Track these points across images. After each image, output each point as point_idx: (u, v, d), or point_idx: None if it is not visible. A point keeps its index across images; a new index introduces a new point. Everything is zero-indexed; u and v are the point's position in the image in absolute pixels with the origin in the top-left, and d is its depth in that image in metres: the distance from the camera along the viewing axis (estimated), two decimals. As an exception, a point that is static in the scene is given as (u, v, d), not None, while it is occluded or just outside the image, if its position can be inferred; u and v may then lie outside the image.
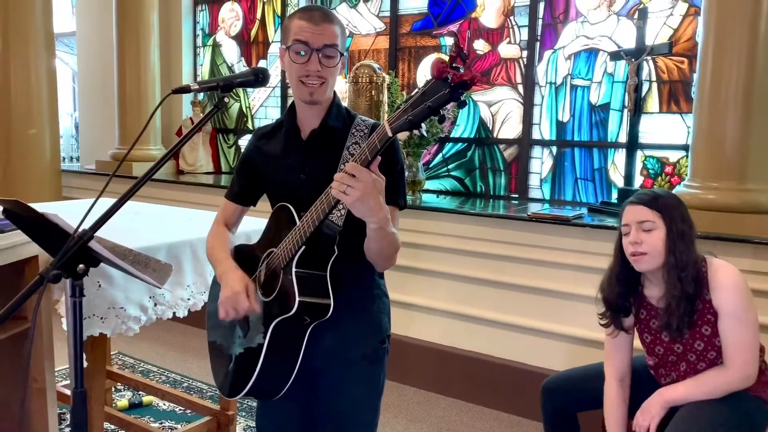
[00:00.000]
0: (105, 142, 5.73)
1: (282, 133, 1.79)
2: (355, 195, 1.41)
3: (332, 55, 1.62)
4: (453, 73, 1.29)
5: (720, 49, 2.93)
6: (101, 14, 5.67)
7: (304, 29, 1.61)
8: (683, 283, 2.01)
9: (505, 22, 4.10)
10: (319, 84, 1.63)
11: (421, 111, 1.32)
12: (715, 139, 2.96)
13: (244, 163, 1.88)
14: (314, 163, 1.71)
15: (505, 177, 4.19)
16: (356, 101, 4.15)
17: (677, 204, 2.09)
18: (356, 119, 1.73)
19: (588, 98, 3.85)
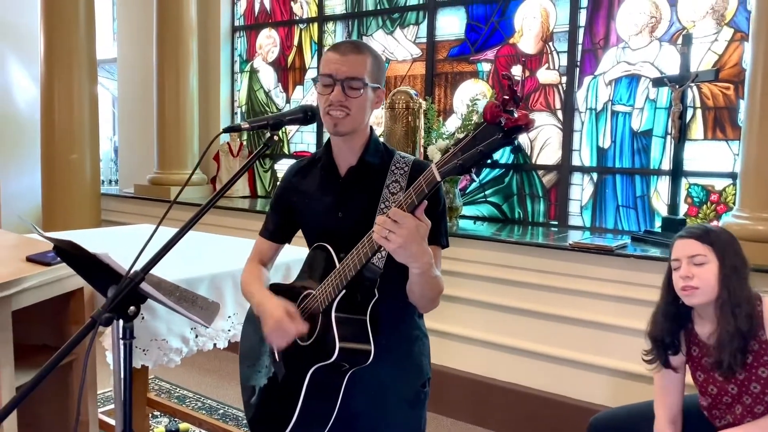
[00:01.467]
0: (143, 166, 5.82)
1: (318, 169, 1.76)
2: (397, 242, 1.37)
3: (356, 86, 1.59)
4: (507, 117, 1.24)
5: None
6: (142, 41, 5.79)
7: (330, 61, 1.61)
8: (737, 320, 1.94)
9: (544, 47, 4.06)
10: (344, 115, 1.60)
11: (472, 156, 1.28)
12: (766, 169, 2.88)
13: (278, 201, 1.85)
14: (352, 201, 1.68)
15: (544, 203, 4.13)
16: (393, 127, 4.15)
17: (730, 239, 2.03)
18: (395, 156, 1.70)
19: (629, 124, 3.78)
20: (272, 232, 1.86)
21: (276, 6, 5.43)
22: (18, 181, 6.22)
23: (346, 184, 1.70)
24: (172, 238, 1.35)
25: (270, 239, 1.87)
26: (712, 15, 3.51)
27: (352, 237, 1.60)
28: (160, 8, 5.31)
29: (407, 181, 1.65)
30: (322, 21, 5.14)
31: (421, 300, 1.63)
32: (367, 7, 4.88)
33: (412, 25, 4.67)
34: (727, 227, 2.96)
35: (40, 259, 1.96)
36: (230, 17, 5.70)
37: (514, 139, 1.28)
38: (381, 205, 1.64)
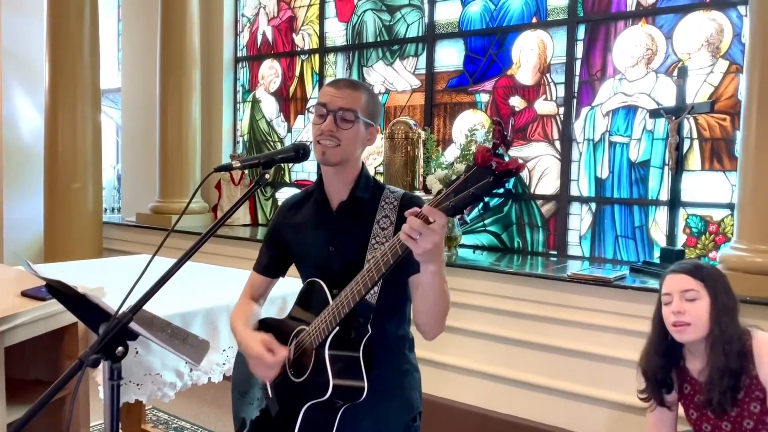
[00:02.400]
0: (146, 194, 5.86)
1: (311, 203, 1.78)
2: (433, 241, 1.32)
3: (348, 119, 1.62)
4: (497, 161, 1.26)
5: (764, 108, 2.87)
6: (146, 71, 5.87)
7: (326, 93, 1.66)
8: (728, 357, 1.92)
9: (542, 79, 4.10)
10: (333, 145, 1.62)
11: (464, 198, 1.28)
12: (763, 200, 2.87)
13: (272, 235, 1.86)
14: (343, 235, 1.69)
15: (543, 233, 4.13)
16: (392, 157, 4.18)
17: (720, 276, 2.02)
18: (385, 190, 1.72)
19: (627, 155, 3.80)
20: (266, 267, 1.87)
21: (278, 37, 5.51)
22: (21, 209, 6.26)
23: (338, 218, 1.72)
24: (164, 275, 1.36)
25: (263, 274, 1.87)
26: (707, 47, 3.54)
27: (343, 271, 1.61)
28: (163, 39, 5.39)
29: (397, 215, 1.66)
30: (324, 52, 5.20)
31: (432, 313, 1.56)
32: (368, 39, 4.94)
33: (411, 56, 4.72)
34: (725, 259, 2.97)
35: (35, 294, 1.97)
36: (233, 48, 5.78)
37: (505, 182, 1.29)
38: (372, 241, 1.65)
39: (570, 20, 3.95)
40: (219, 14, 5.69)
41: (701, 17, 3.55)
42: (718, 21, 3.51)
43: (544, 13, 4.08)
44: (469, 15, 4.41)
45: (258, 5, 5.61)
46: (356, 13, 5.00)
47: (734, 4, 3.45)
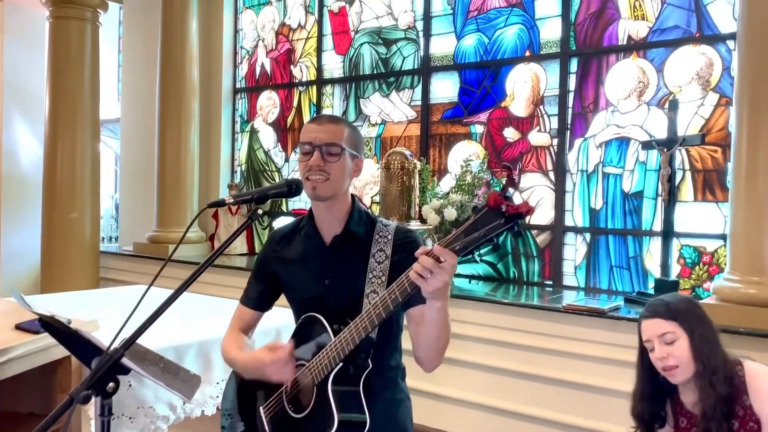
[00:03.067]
0: (144, 224, 5.87)
1: (301, 236, 1.78)
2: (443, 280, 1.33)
3: (335, 152, 1.64)
4: (508, 204, 1.29)
5: (754, 141, 2.91)
6: (145, 102, 5.93)
7: (309, 130, 1.68)
8: (716, 388, 1.92)
9: (535, 111, 4.16)
10: (323, 180, 1.63)
11: (475, 239, 1.30)
12: (755, 232, 2.90)
13: (261, 268, 1.85)
14: (339, 269, 1.70)
15: (538, 263, 4.14)
16: (388, 187, 4.21)
17: (691, 307, 1.99)
18: (377, 224, 1.73)
19: (620, 186, 3.83)
20: (254, 300, 1.86)
21: (276, 69, 5.59)
22: (18, 239, 6.27)
23: (333, 251, 1.72)
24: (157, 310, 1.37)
25: (252, 307, 1.86)
26: (697, 80, 3.60)
27: (340, 305, 1.62)
28: (163, 70, 5.46)
29: (392, 248, 1.68)
30: (321, 84, 5.27)
31: (435, 345, 1.58)
32: (364, 71, 5.01)
33: (407, 88, 4.79)
34: (719, 290, 2.99)
35: (29, 328, 1.97)
36: (232, 79, 5.86)
37: (515, 225, 1.31)
38: (369, 275, 1.66)
39: (563, 54, 4.02)
40: (218, 47, 5.78)
41: (691, 51, 3.62)
42: (708, 55, 3.57)
43: (537, 46, 4.15)
44: (463, 48, 4.48)
45: (257, 38, 5.70)
46: (353, 46, 5.08)
47: (723, 38, 3.51)
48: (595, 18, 3.93)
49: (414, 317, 1.61)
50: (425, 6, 4.65)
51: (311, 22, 5.33)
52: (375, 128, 4.96)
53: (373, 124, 4.97)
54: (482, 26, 4.39)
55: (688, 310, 1.97)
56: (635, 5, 3.80)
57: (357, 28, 5.05)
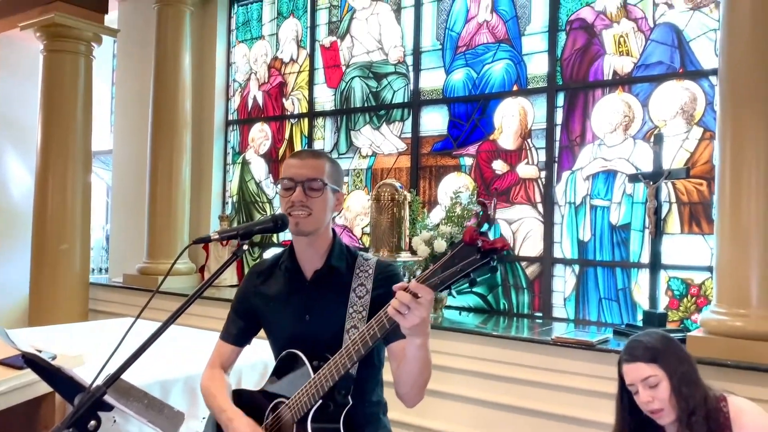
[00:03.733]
0: (134, 255, 5.86)
1: (281, 271, 1.78)
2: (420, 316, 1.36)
3: (317, 187, 1.66)
4: (483, 240, 1.31)
5: (737, 174, 2.96)
6: (137, 133, 5.96)
7: (291, 166, 1.69)
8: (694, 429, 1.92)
9: (523, 144, 4.21)
10: (306, 215, 1.65)
11: (452, 274, 1.33)
12: (740, 264, 2.92)
13: (241, 303, 1.86)
14: (320, 304, 1.70)
15: (528, 295, 4.15)
16: (378, 218, 4.22)
17: (669, 345, 1.97)
18: (358, 258, 1.75)
19: (608, 218, 3.87)
20: (234, 336, 1.86)
21: (268, 102, 5.64)
22: (7, 271, 6.23)
23: (314, 287, 1.73)
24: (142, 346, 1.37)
25: (232, 343, 1.86)
26: (682, 115, 3.66)
27: (321, 340, 1.62)
28: (156, 103, 5.51)
29: (372, 283, 1.69)
30: (313, 116, 5.33)
31: (415, 383, 1.58)
32: (355, 104, 5.07)
33: (397, 121, 4.84)
34: (705, 323, 3.00)
35: (13, 363, 1.96)
36: (224, 112, 5.91)
37: (491, 260, 1.33)
38: (349, 310, 1.67)
39: (549, 88, 4.09)
40: (211, 79, 5.84)
41: (675, 86, 3.69)
42: (691, 90, 3.64)
43: (524, 81, 4.22)
44: (452, 82, 4.55)
45: (249, 71, 5.77)
46: (344, 80, 5.14)
47: (705, 74, 3.59)
48: (581, 54, 4.01)
49: (395, 353, 1.62)
50: (415, 41, 4.73)
51: (303, 56, 5.41)
52: (366, 160, 5.00)
53: (364, 156, 5.01)
54: (470, 61, 4.46)
55: (667, 350, 1.96)
56: (620, 41, 3.88)
57: (348, 63, 5.12)
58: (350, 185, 5.08)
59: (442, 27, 4.61)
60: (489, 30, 4.39)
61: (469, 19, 4.49)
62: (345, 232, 5.10)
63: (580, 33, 4.02)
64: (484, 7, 4.41)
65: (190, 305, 1.41)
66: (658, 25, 3.76)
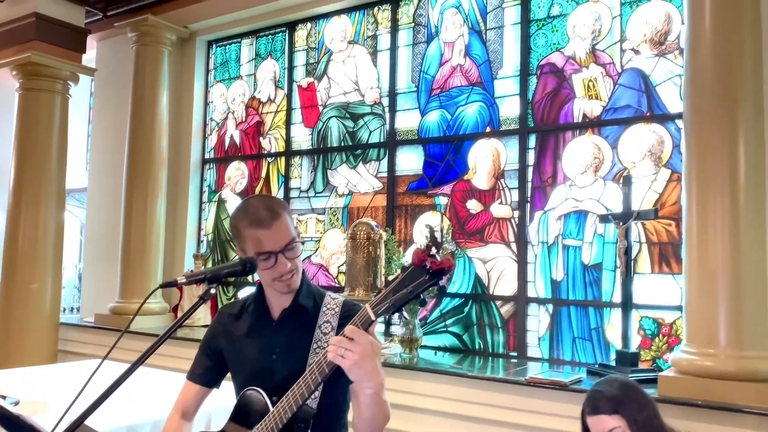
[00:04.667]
0: (107, 295, 5.77)
1: (250, 313, 1.80)
2: (353, 358, 1.41)
3: (293, 247, 1.69)
4: (431, 261, 1.37)
5: (703, 216, 3.02)
6: (113, 171, 5.94)
7: (263, 238, 1.65)
8: None
9: (496, 184, 4.27)
10: (291, 276, 1.70)
11: (403, 296, 1.39)
12: (708, 304, 2.97)
13: (209, 344, 1.85)
14: (286, 342, 1.71)
15: (503, 334, 4.16)
16: (354, 257, 4.24)
17: (630, 393, 1.98)
18: (326, 297, 1.78)
19: (580, 258, 3.92)
20: (201, 376, 1.85)
21: (245, 141, 5.67)
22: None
23: (280, 325, 1.75)
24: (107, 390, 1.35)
25: (199, 383, 1.85)
26: (650, 157, 3.76)
27: (286, 378, 1.63)
28: (132, 141, 5.51)
29: (338, 321, 1.72)
30: (289, 155, 5.36)
31: (372, 424, 1.61)
32: (332, 143, 5.12)
33: (373, 160, 4.89)
34: (676, 362, 3.02)
35: (-27, 409, 1.91)
36: (201, 150, 5.92)
37: (439, 280, 1.40)
38: (314, 345, 1.69)
39: (521, 130, 4.18)
40: (188, 119, 5.86)
41: (643, 129, 3.79)
42: (659, 133, 3.75)
43: (497, 123, 4.31)
44: (427, 123, 4.63)
45: (227, 110, 5.81)
46: (321, 120, 5.20)
47: (672, 117, 3.70)
48: (552, 97, 4.11)
49: (354, 392, 1.63)
50: (390, 83, 4.81)
51: (281, 96, 5.47)
52: (342, 199, 5.03)
53: (341, 195, 5.04)
54: (445, 103, 4.55)
55: (627, 398, 1.96)
56: (589, 85, 3.99)
57: (325, 103, 5.19)
58: (326, 224, 5.10)
59: (417, 70, 4.70)
60: (462, 73, 4.49)
61: (443, 62, 4.59)
62: (321, 270, 5.09)
63: (550, 77, 4.13)
64: (457, 52, 4.52)
65: (156, 349, 1.40)
66: (625, 70, 3.88)
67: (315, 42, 5.29)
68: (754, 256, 2.95)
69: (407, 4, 4.81)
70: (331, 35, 5.19)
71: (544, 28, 4.19)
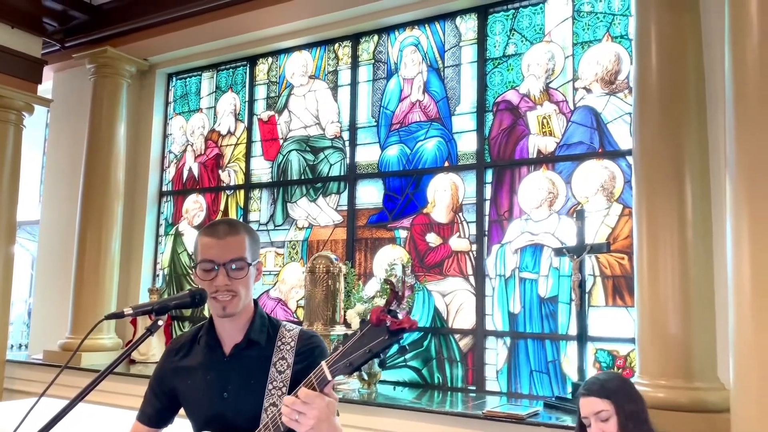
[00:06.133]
0: (56, 331, 5.58)
1: (200, 347, 1.71)
2: (309, 423, 1.36)
3: (240, 267, 1.60)
4: (391, 320, 1.32)
5: (653, 249, 3.10)
6: (67, 204, 5.80)
7: (209, 246, 1.60)
8: None
9: (455, 217, 4.32)
10: (231, 297, 1.59)
11: (361, 356, 1.33)
12: (660, 337, 3.03)
13: (158, 382, 1.76)
14: (239, 381, 1.64)
15: (461, 368, 4.15)
16: (313, 291, 4.20)
17: (622, 385, 2.18)
18: (280, 329, 1.69)
19: (537, 291, 3.96)
20: (151, 417, 1.76)
21: (204, 173, 5.63)
22: None
23: (232, 363, 1.66)
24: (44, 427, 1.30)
25: (149, 425, 1.76)
26: (602, 192, 3.85)
27: (240, 419, 1.57)
28: (87, 173, 5.40)
29: (294, 356, 1.65)
30: (249, 188, 5.33)
31: None
32: (292, 176, 5.11)
33: (334, 194, 4.90)
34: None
35: None
36: (158, 183, 5.84)
37: (399, 339, 1.35)
38: (269, 386, 1.62)
39: (478, 165, 4.25)
40: (146, 151, 5.79)
41: (595, 165, 3.89)
42: (610, 168, 3.85)
43: (455, 158, 4.37)
44: (387, 158, 4.67)
45: (186, 143, 5.76)
46: (282, 153, 5.20)
47: (622, 154, 3.81)
48: (507, 133, 4.20)
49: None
50: (351, 118, 4.86)
51: (241, 129, 5.46)
52: (302, 232, 5.00)
53: (300, 228, 5.01)
54: (404, 138, 4.61)
55: (620, 388, 2.16)
56: (543, 122, 4.09)
57: (285, 136, 5.20)
58: (286, 257, 5.06)
59: (377, 105, 4.76)
60: (421, 109, 4.56)
61: (402, 98, 4.66)
62: (279, 305, 5.03)
63: (506, 114, 4.22)
64: (416, 88, 4.60)
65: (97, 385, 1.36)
66: (578, 107, 4.00)
67: (276, 76, 5.32)
68: (703, 288, 3.04)
69: (367, 41, 4.89)
70: (292, 69, 5.23)
71: (500, 67, 4.30)
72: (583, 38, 4.04)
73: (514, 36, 4.28)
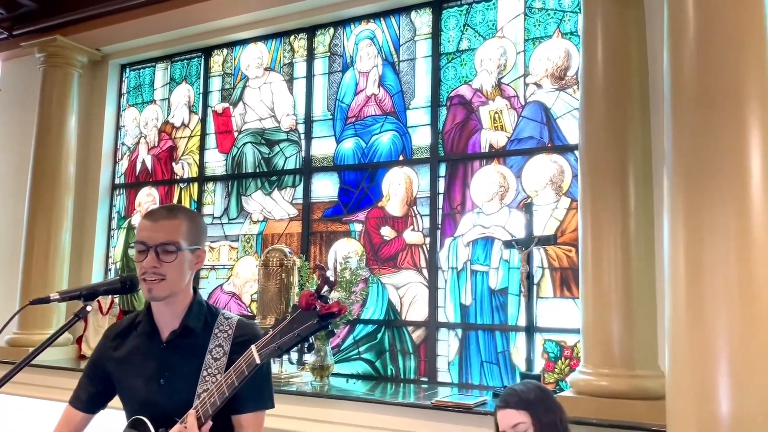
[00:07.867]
0: (3, 325, 5.42)
1: (137, 333, 1.71)
2: None
3: (170, 251, 1.60)
4: (321, 305, 1.34)
5: (597, 242, 3.17)
6: (14, 198, 5.64)
7: (144, 228, 1.62)
8: None
9: (409, 211, 4.34)
10: (158, 280, 1.59)
11: (290, 339, 1.35)
12: (603, 327, 3.10)
13: (94, 367, 1.77)
14: (174, 368, 1.64)
15: (414, 360, 4.18)
16: (266, 284, 4.18)
17: (539, 396, 2.11)
18: (219, 317, 1.70)
19: (487, 283, 4.01)
20: (85, 402, 1.76)
21: (157, 166, 5.54)
22: None
23: (169, 349, 1.67)
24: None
25: (81, 409, 1.76)
26: (551, 186, 3.92)
27: (175, 406, 1.57)
28: (36, 165, 5.27)
29: (230, 344, 1.65)
30: (203, 181, 5.27)
31: None
32: (247, 169, 5.08)
33: (289, 187, 4.88)
34: (575, 383, 3.13)
35: None
36: (110, 175, 5.73)
37: (328, 323, 1.36)
38: (204, 372, 1.62)
39: (432, 158, 4.28)
40: (98, 142, 5.67)
41: (545, 159, 3.96)
42: (559, 163, 3.92)
43: (409, 151, 4.40)
44: (342, 151, 4.67)
45: (139, 135, 5.67)
46: (236, 146, 5.16)
47: (571, 148, 3.88)
48: (460, 128, 4.24)
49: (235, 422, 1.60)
50: (306, 110, 4.84)
51: (195, 121, 5.39)
52: (256, 225, 4.97)
53: (255, 222, 4.98)
54: (360, 131, 4.61)
55: (537, 399, 2.09)
56: (495, 117, 4.14)
57: (240, 129, 5.15)
58: (240, 251, 5.02)
59: (333, 98, 4.75)
60: (377, 103, 4.58)
61: (358, 91, 4.66)
62: (233, 299, 4.99)
63: (459, 108, 4.26)
64: (372, 81, 4.61)
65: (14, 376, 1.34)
66: (528, 103, 4.06)
67: (231, 68, 5.27)
68: (644, 279, 3.11)
69: (323, 33, 4.88)
70: (247, 62, 5.19)
71: (454, 62, 4.34)
72: (534, 34, 4.10)
73: (467, 31, 4.32)
